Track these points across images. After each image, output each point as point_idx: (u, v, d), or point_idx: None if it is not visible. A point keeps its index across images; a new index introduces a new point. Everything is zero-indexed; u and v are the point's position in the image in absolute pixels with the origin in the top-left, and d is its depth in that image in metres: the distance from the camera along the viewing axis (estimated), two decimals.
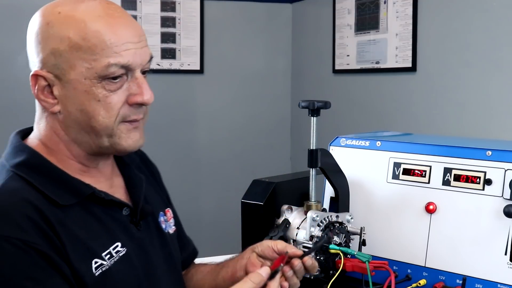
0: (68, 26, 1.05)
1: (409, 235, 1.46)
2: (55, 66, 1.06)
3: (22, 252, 0.96)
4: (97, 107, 1.06)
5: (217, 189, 4.08)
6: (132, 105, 1.09)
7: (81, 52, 1.04)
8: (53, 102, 1.08)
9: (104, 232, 1.10)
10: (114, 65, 1.05)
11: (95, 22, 1.05)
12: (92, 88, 1.05)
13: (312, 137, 1.44)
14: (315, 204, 1.45)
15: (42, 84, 1.08)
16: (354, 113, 3.60)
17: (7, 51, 3.61)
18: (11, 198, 1.02)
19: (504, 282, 1.30)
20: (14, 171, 1.06)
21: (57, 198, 1.05)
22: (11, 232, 0.97)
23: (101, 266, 1.06)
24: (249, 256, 1.28)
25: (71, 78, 1.05)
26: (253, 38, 4.16)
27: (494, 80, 2.73)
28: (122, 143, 1.11)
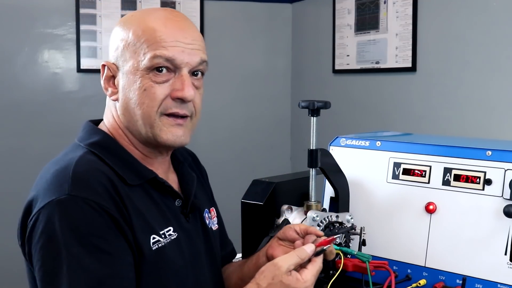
0: (131, 25, 1.21)
1: (409, 235, 1.46)
2: (117, 59, 1.22)
3: (97, 214, 1.08)
4: (143, 96, 1.19)
5: (217, 189, 4.06)
6: (174, 100, 1.20)
7: (136, 46, 1.19)
8: (114, 91, 1.23)
9: (160, 215, 1.20)
10: (159, 56, 1.17)
11: (154, 22, 1.20)
12: (141, 78, 1.18)
13: (312, 137, 1.44)
14: (315, 204, 1.45)
15: (108, 74, 1.24)
16: (354, 113, 3.60)
17: (7, 51, 3.62)
18: (89, 167, 1.14)
19: (504, 282, 1.30)
20: (88, 148, 1.19)
21: (125, 176, 1.17)
22: (90, 195, 1.09)
23: (158, 242, 1.17)
24: (271, 243, 1.32)
25: (127, 70, 1.20)
26: (253, 38, 4.16)
27: (494, 80, 2.73)
28: (162, 136, 1.21)
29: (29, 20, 3.63)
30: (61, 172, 1.13)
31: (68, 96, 3.72)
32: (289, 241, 1.29)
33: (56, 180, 1.12)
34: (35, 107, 3.67)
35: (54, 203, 1.08)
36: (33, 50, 3.67)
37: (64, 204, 1.08)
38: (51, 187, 1.11)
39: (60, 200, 1.08)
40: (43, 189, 1.12)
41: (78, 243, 1.06)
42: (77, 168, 1.13)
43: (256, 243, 1.45)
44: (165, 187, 1.23)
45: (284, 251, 1.26)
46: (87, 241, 1.07)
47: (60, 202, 1.08)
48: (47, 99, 3.69)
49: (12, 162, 3.56)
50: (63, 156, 1.20)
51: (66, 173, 1.12)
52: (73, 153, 1.19)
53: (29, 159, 3.43)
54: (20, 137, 3.61)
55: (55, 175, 1.13)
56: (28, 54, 3.66)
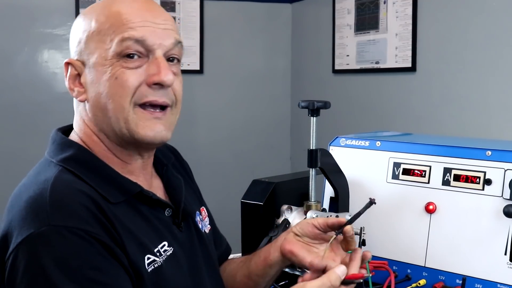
0: (92, 14, 1.09)
1: (409, 235, 1.46)
2: (80, 54, 1.09)
3: (86, 243, 0.96)
4: (115, 85, 1.05)
5: (217, 189, 4.07)
6: (151, 86, 1.07)
7: (101, 34, 1.06)
8: (81, 90, 1.10)
9: (152, 231, 1.09)
10: (128, 39, 1.05)
11: (118, 5, 1.08)
12: (110, 67, 1.06)
13: (312, 137, 1.44)
14: (315, 204, 1.45)
15: (72, 73, 1.11)
16: (353, 113, 3.60)
17: (7, 51, 3.62)
18: (67, 189, 1.00)
19: (504, 282, 1.30)
20: (62, 165, 1.05)
21: (108, 194, 1.04)
22: (74, 223, 0.96)
23: (154, 263, 1.06)
24: (283, 238, 1.24)
25: (94, 62, 1.07)
26: (253, 38, 4.16)
27: (493, 80, 2.73)
28: (139, 131, 1.07)
29: (29, 20, 3.63)
30: (36, 199, 0.99)
31: (68, 96, 3.70)
32: (308, 237, 1.21)
33: (32, 210, 0.98)
34: (35, 107, 3.67)
35: (34, 237, 0.94)
36: (33, 50, 3.67)
37: (46, 237, 0.94)
38: (27, 218, 0.97)
39: (41, 233, 0.94)
40: (18, 221, 0.98)
41: (69, 279, 0.93)
42: (54, 192, 0.99)
43: (256, 243, 1.45)
44: (152, 200, 1.11)
45: (303, 247, 1.20)
46: (79, 276, 0.94)
47: (41, 236, 0.94)
48: (47, 99, 3.69)
49: (12, 162, 3.56)
50: (34, 178, 1.05)
51: (42, 200, 0.98)
52: (45, 173, 1.04)
53: (29, 159, 3.42)
54: (19, 137, 3.61)
55: (30, 203, 0.99)
56: (28, 54, 3.66)
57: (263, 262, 1.27)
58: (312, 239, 1.21)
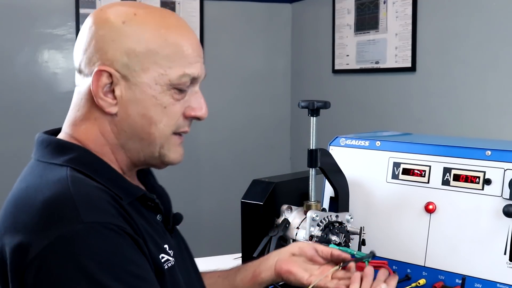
0: (146, 29, 1.04)
1: (409, 235, 1.46)
2: (126, 66, 1.03)
3: (121, 238, 0.94)
4: (161, 113, 1.06)
5: (217, 189, 4.08)
6: (187, 118, 1.10)
7: (158, 57, 1.04)
8: (112, 103, 1.05)
9: (157, 233, 1.08)
10: (187, 75, 1.06)
11: (173, 31, 1.06)
12: (161, 94, 1.05)
13: (312, 137, 1.44)
14: (315, 204, 1.46)
15: (104, 82, 1.04)
16: (353, 113, 3.60)
17: (7, 51, 3.62)
18: (88, 186, 0.98)
19: (504, 282, 1.31)
20: (69, 165, 1.01)
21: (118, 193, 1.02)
22: (107, 218, 0.94)
23: (167, 262, 1.06)
24: (276, 257, 1.27)
25: (141, 81, 1.04)
26: (252, 38, 4.16)
27: (493, 80, 2.73)
28: (171, 155, 1.10)
29: (29, 20, 3.64)
30: (57, 199, 0.95)
31: (68, 96, 3.69)
32: (306, 258, 1.26)
33: (56, 210, 0.93)
34: (35, 107, 3.67)
35: (67, 237, 0.90)
36: (33, 50, 3.67)
37: (82, 235, 0.91)
38: (51, 219, 0.92)
39: (75, 231, 0.91)
40: (37, 224, 0.93)
41: (112, 276, 0.90)
42: (77, 189, 0.96)
43: (256, 243, 1.45)
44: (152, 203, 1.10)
45: (300, 266, 1.25)
46: (120, 272, 0.92)
47: (75, 234, 0.90)
48: (47, 99, 3.69)
49: (12, 162, 3.56)
50: (40, 180, 1.01)
51: (67, 198, 0.94)
52: (52, 174, 1.00)
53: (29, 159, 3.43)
54: (20, 137, 3.61)
55: (50, 203, 0.94)
56: (28, 54, 3.66)
57: (252, 280, 1.29)
58: (308, 260, 1.26)
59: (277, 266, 1.26)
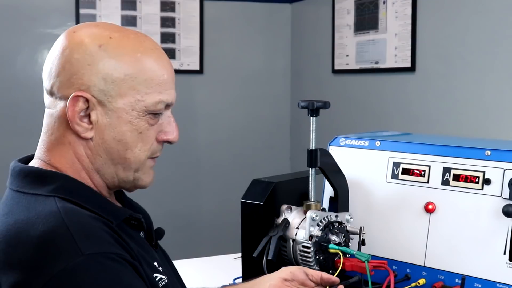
0: (123, 54, 1.04)
1: (408, 235, 1.46)
2: (102, 92, 1.03)
3: (121, 266, 0.95)
4: (137, 139, 1.06)
5: (217, 189, 4.08)
6: (160, 142, 1.11)
7: (135, 82, 1.04)
8: (88, 127, 1.04)
9: (145, 252, 1.08)
10: (163, 102, 1.07)
11: (149, 56, 1.06)
12: (137, 119, 1.05)
13: (312, 137, 1.44)
14: (315, 203, 1.46)
15: (80, 107, 1.03)
16: (353, 113, 3.60)
17: (7, 51, 3.62)
18: (82, 216, 0.97)
19: (503, 282, 1.31)
20: (56, 195, 1.00)
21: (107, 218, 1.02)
22: (106, 248, 0.94)
23: (161, 280, 1.06)
24: (268, 283, 1.28)
25: (118, 107, 1.04)
26: (252, 38, 4.16)
27: (493, 80, 2.73)
28: (145, 179, 1.11)
29: (29, 20, 3.64)
30: (53, 232, 0.93)
31: None
32: (297, 282, 1.27)
33: (53, 244, 0.92)
34: (35, 107, 3.66)
35: (69, 270, 0.89)
36: (33, 50, 3.67)
37: (84, 268, 0.90)
38: (49, 254, 0.91)
39: (77, 264, 0.90)
40: (35, 260, 0.91)
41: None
42: (72, 222, 0.95)
43: (255, 243, 1.46)
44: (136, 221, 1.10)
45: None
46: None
47: (77, 267, 0.90)
48: None
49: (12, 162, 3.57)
50: (28, 213, 0.98)
51: (63, 232, 0.93)
52: (41, 206, 0.98)
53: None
54: (19, 137, 3.61)
55: (45, 239, 0.92)
56: (28, 54, 3.66)
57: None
58: (299, 284, 1.27)
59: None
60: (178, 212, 3.86)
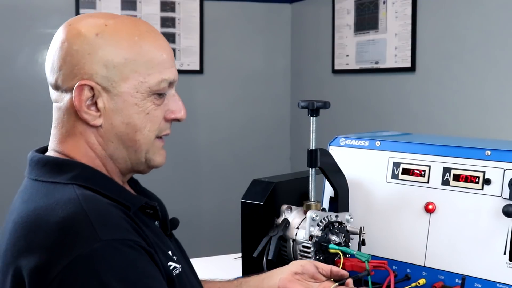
0: (121, 39, 1.06)
1: (409, 235, 1.46)
2: (106, 78, 1.05)
3: (137, 253, 0.96)
4: (145, 120, 1.08)
5: (217, 189, 4.08)
6: (168, 121, 1.13)
7: (136, 65, 1.06)
8: (96, 115, 1.06)
9: (160, 240, 1.09)
10: (165, 80, 1.09)
11: (146, 38, 1.08)
12: (143, 101, 1.07)
13: (312, 137, 1.44)
14: (315, 204, 1.46)
15: (86, 96, 1.05)
16: (353, 113, 3.60)
17: (7, 51, 3.62)
18: (100, 203, 0.99)
19: (503, 282, 1.31)
20: (74, 183, 1.02)
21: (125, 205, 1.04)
22: (123, 235, 0.96)
23: (175, 269, 1.07)
24: (279, 276, 1.30)
25: (122, 91, 1.06)
26: (252, 38, 4.16)
27: (493, 80, 2.73)
28: (156, 159, 1.13)
29: (29, 20, 3.64)
30: (73, 218, 0.95)
31: None
32: (307, 275, 1.30)
33: (72, 230, 0.94)
34: (35, 107, 3.67)
35: (87, 256, 0.91)
36: (33, 50, 3.67)
37: (101, 253, 0.92)
38: (68, 239, 0.93)
39: (94, 250, 0.92)
40: (54, 244, 0.93)
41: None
42: (90, 208, 0.97)
43: (256, 243, 1.46)
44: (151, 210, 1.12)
45: (301, 285, 1.28)
46: (139, 286, 0.94)
47: (95, 253, 0.92)
48: (47, 99, 3.65)
49: (12, 162, 3.57)
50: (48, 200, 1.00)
51: (82, 218, 0.95)
52: (60, 193, 1.00)
53: None
54: (19, 137, 3.61)
55: (66, 224, 0.95)
56: (28, 54, 3.66)
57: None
58: (309, 278, 1.30)
59: (280, 285, 1.29)
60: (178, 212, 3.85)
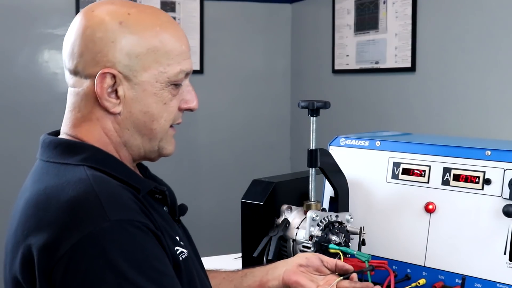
0: (144, 29, 1.08)
1: (409, 235, 1.46)
2: (127, 67, 1.07)
3: (145, 234, 0.98)
4: (162, 109, 1.11)
5: (217, 189, 4.08)
6: (181, 110, 1.15)
7: (157, 55, 1.08)
8: (116, 103, 1.08)
9: (168, 225, 1.11)
10: (183, 71, 1.11)
11: (167, 28, 1.10)
12: (161, 91, 1.10)
13: (312, 137, 1.44)
14: (315, 204, 1.46)
15: (108, 84, 1.07)
16: (353, 113, 3.60)
17: (7, 51, 3.62)
18: (110, 184, 1.01)
19: (503, 282, 1.31)
20: (85, 164, 1.04)
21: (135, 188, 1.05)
22: (131, 216, 0.98)
23: (182, 254, 1.08)
24: (284, 268, 1.30)
25: (143, 80, 1.08)
26: (252, 38, 4.16)
27: (493, 80, 2.73)
28: (168, 147, 1.15)
29: (29, 20, 3.63)
30: (83, 198, 0.97)
31: None
32: (312, 268, 1.30)
33: (82, 209, 0.96)
34: (35, 107, 3.67)
35: (95, 234, 0.93)
36: (33, 50, 3.67)
37: (110, 233, 0.94)
38: (78, 218, 0.95)
39: (103, 229, 0.94)
40: (64, 222, 0.95)
41: (138, 272, 0.94)
42: (101, 188, 0.99)
43: (256, 243, 1.46)
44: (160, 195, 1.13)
45: (306, 277, 1.28)
46: (146, 268, 0.96)
47: (103, 232, 0.93)
48: (47, 99, 3.69)
49: (12, 162, 3.57)
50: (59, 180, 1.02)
51: (92, 197, 0.97)
52: (71, 173, 1.02)
53: (29, 160, 3.43)
54: (20, 137, 3.61)
55: (76, 203, 0.96)
56: (28, 54, 3.66)
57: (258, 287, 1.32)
58: (314, 271, 1.30)
59: (285, 277, 1.29)
60: None
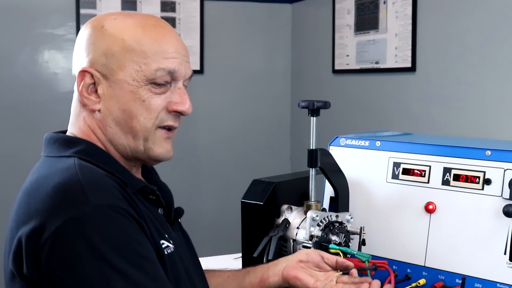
0: (123, 30, 1.12)
1: (409, 235, 1.46)
2: (105, 66, 1.11)
3: (126, 219, 1.01)
4: (140, 107, 1.12)
5: (217, 189, 4.08)
6: (171, 113, 1.15)
7: (134, 54, 1.11)
8: (95, 100, 1.13)
9: (158, 223, 1.13)
10: (162, 69, 1.12)
11: (150, 30, 1.13)
12: (139, 89, 1.12)
13: (312, 137, 1.44)
14: (315, 204, 1.46)
15: (87, 82, 1.12)
16: (353, 113, 3.60)
17: (7, 51, 3.62)
18: (95, 172, 1.06)
19: (504, 282, 1.31)
20: (76, 156, 1.09)
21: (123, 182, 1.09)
22: (113, 201, 1.01)
23: (167, 248, 1.11)
24: (284, 263, 1.32)
25: (119, 78, 1.11)
26: (253, 38, 4.16)
27: (493, 80, 2.73)
28: (155, 150, 1.15)
29: (29, 20, 3.64)
30: (67, 184, 1.01)
31: (68, 96, 3.70)
32: (312, 264, 1.31)
33: (66, 194, 1.00)
34: (35, 107, 3.67)
35: (77, 219, 0.97)
36: (33, 50, 3.67)
37: (91, 217, 0.97)
38: (62, 203, 0.99)
39: (84, 213, 0.97)
40: (49, 207, 0.99)
41: (119, 255, 0.97)
42: (84, 175, 1.03)
43: (256, 243, 1.46)
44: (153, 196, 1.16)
45: (306, 273, 1.29)
46: (127, 251, 0.98)
47: (85, 216, 0.97)
48: (47, 99, 3.69)
49: (12, 162, 3.57)
50: (50, 169, 1.07)
51: (75, 183, 1.01)
52: (61, 164, 1.07)
53: (29, 160, 3.42)
54: (20, 137, 3.61)
55: (60, 189, 1.01)
56: (28, 54, 3.66)
57: (260, 284, 1.33)
58: (314, 267, 1.31)
59: (284, 272, 1.30)
60: None
